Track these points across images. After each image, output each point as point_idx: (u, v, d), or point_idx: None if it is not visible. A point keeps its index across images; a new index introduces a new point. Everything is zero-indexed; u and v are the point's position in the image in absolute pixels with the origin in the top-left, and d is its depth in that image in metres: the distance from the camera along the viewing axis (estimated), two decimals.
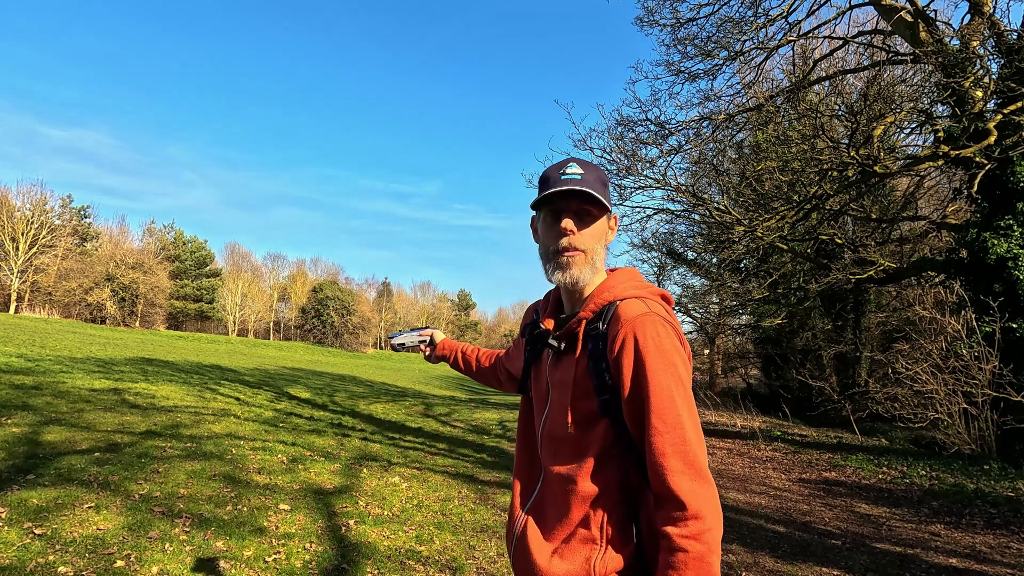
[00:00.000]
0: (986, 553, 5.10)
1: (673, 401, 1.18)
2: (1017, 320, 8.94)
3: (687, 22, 11.36)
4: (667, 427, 1.16)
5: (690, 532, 1.12)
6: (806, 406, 17.25)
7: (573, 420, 1.27)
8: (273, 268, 78.33)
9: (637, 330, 1.21)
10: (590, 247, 1.32)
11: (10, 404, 7.03)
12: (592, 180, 1.30)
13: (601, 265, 1.36)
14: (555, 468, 1.31)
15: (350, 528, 4.38)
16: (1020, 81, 8.52)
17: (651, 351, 1.19)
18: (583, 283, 1.32)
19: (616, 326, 1.24)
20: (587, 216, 1.32)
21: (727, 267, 16.83)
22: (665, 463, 1.15)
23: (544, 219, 1.36)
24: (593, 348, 1.27)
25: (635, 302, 1.28)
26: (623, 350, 1.21)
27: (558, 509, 1.29)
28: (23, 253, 47.49)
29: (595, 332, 1.28)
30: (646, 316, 1.23)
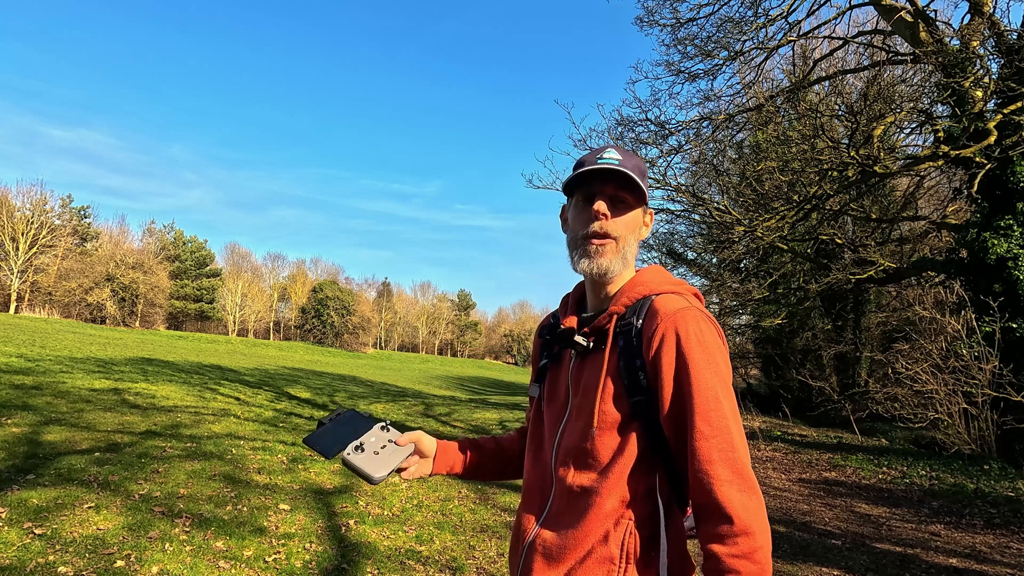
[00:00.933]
0: (986, 553, 5.10)
1: (719, 402, 1.08)
2: (1017, 320, 8.94)
3: (687, 22, 11.37)
4: (713, 431, 1.06)
5: (741, 551, 1.01)
6: (806, 406, 17.25)
7: (600, 425, 1.15)
8: (273, 268, 78.40)
9: (679, 325, 1.12)
10: (622, 235, 1.21)
11: (10, 404, 7.03)
12: (631, 167, 1.20)
13: (632, 259, 1.25)
14: (573, 480, 1.17)
15: (350, 528, 4.38)
16: (1020, 81, 8.52)
17: (694, 348, 1.10)
18: (612, 274, 1.22)
19: (654, 321, 1.14)
20: (621, 203, 1.21)
21: (727, 267, 16.83)
22: (712, 471, 1.04)
23: (576, 203, 1.25)
24: (626, 345, 1.16)
25: (673, 297, 1.18)
26: (663, 347, 1.11)
27: (573, 525, 1.16)
28: (23, 253, 47.47)
29: (628, 328, 1.17)
30: (688, 311, 1.14)
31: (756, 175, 11.60)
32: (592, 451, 1.16)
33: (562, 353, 1.30)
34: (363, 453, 1.21)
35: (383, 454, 1.23)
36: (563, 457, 1.21)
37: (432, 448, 1.36)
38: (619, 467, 1.13)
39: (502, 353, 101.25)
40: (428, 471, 1.36)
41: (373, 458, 1.21)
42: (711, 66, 11.51)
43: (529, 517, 1.25)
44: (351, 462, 1.19)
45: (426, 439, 1.34)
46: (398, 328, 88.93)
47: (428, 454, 1.35)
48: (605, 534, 1.12)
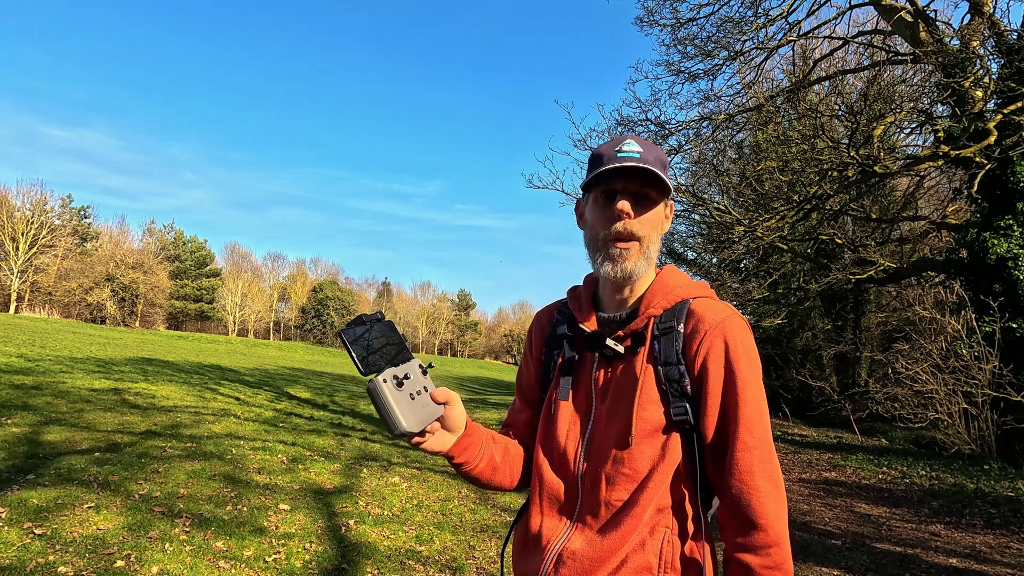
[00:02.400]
0: (986, 553, 5.10)
1: (763, 414, 1.08)
2: (1017, 320, 8.94)
3: (687, 22, 11.37)
4: (757, 442, 1.06)
5: (774, 562, 1.03)
6: (806, 406, 17.25)
7: (637, 433, 1.11)
8: (273, 268, 78.44)
9: (727, 334, 1.10)
10: (647, 235, 1.14)
11: (10, 404, 7.03)
12: (652, 159, 1.13)
13: (655, 257, 1.18)
14: (607, 489, 1.13)
15: (350, 528, 4.38)
16: (1020, 81, 8.52)
17: (742, 358, 1.09)
18: (637, 277, 1.15)
19: (700, 327, 1.11)
20: (645, 200, 1.14)
21: (727, 267, 16.82)
22: (753, 483, 1.05)
23: (595, 201, 1.17)
24: (666, 350, 1.12)
25: (713, 302, 1.15)
26: (711, 354, 1.09)
27: (607, 535, 1.11)
28: (23, 253, 47.49)
29: (668, 332, 1.13)
30: (735, 319, 1.12)
31: (756, 175, 11.60)
32: (629, 460, 1.11)
33: (582, 357, 1.23)
34: (401, 389, 0.98)
35: (418, 401, 1.01)
36: (594, 466, 1.15)
37: (460, 424, 1.15)
38: (658, 476, 1.10)
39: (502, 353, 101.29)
40: (445, 448, 1.13)
41: (408, 402, 0.98)
42: (711, 66, 11.52)
43: (552, 525, 1.18)
44: (384, 394, 0.95)
45: (458, 407, 1.13)
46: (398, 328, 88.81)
47: (454, 429, 1.14)
48: (642, 542, 1.10)
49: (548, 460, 1.22)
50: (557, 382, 1.25)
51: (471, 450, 1.19)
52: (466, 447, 1.17)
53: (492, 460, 1.24)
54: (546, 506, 1.20)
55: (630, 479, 1.11)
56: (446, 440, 1.13)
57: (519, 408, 1.38)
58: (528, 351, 1.37)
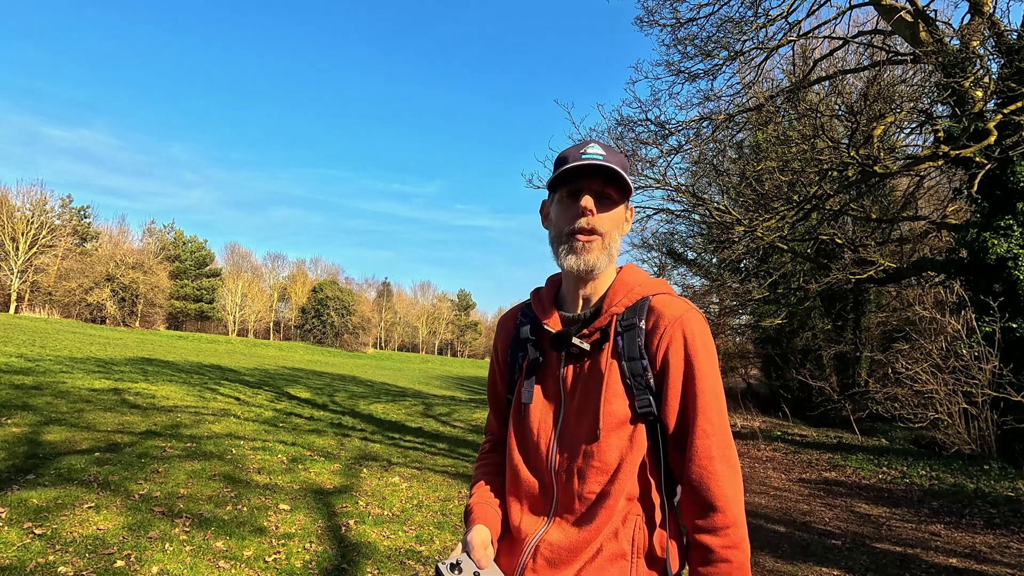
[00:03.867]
0: (986, 553, 5.10)
1: (720, 402, 1.15)
2: (1017, 320, 8.94)
3: (687, 22, 11.37)
4: (715, 429, 1.12)
5: (731, 541, 1.09)
6: (806, 406, 17.25)
7: (605, 427, 1.15)
8: (273, 268, 78.44)
9: (686, 327, 1.15)
10: (608, 232, 1.20)
11: (10, 404, 7.03)
12: (616, 162, 1.19)
13: (616, 255, 1.25)
14: (579, 482, 1.18)
15: (350, 528, 4.38)
16: (1020, 81, 8.52)
17: (700, 350, 1.14)
18: (598, 271, 1.21)
19: (660, 321, 1.16)
20: (607, 199, 1.21)
21: (727, 267, 16.83)
22: (713, 467, 1.11)
23: (560, 200, 1.24)
24: (629, 345, 1.17)
25: (672, 298, 1.21)
26: (671, 347, 1.15)
27: (582, 526, 1.17)
28: (23, 253, 47.49)
29: (630, 328, 1.18)
30: (693, 313, 1.17)
31: (756, 175, 11.60)
32: (598, 453, 1.16)
33: (547, 356, 1.27)
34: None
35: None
36: (565, 461, 1.20)
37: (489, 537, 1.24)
38: (626, 467, 1.15)
39: None
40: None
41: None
42: (711, 66, 11.52)
43: (530, 521, 1.23)
44: None
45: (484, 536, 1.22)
46: (398, 328, 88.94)
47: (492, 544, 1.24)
48: (615, 532, 1.15)
49: (523, 459, 1.27)
50: (523, 383, 1.29)
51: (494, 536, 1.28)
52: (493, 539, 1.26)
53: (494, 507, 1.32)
54: (524, 504, 1.25)
55: (601, 471, 1.16)
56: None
57: (492, 418, 1.46)
58: (495, 359, 1.42)
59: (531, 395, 1.27)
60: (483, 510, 1.30)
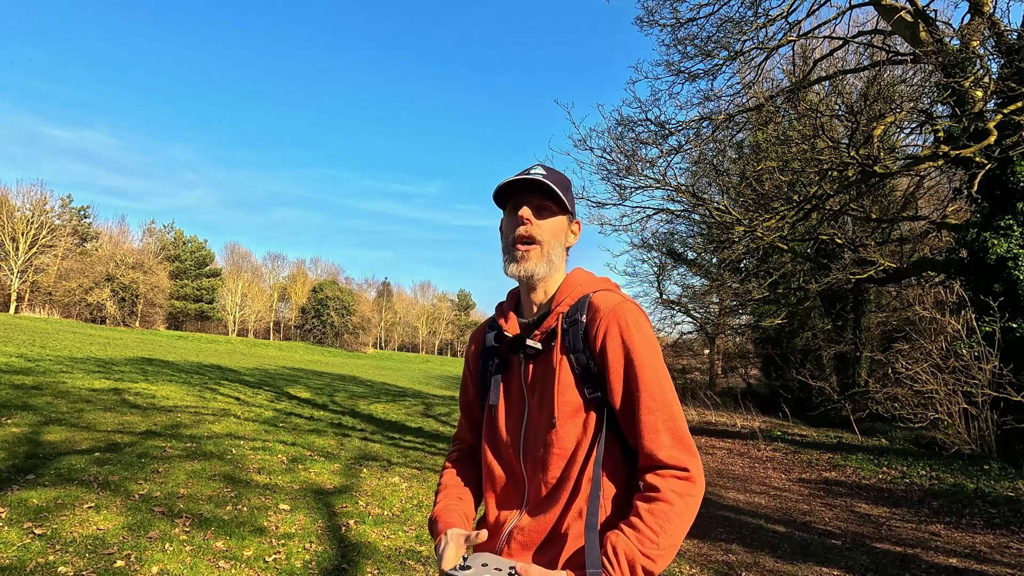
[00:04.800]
0: (986, 553, 5.10)
1: (661, 381, 1.22)
2: (1017, 320, 8.94)
3: (687, 22, 11.37)
4: (657, 405, 1.20)
5: (679, 489, 1.15)
6: (806, 406, 17.25)
7: (560, 415, 1.26)
8: (273, 268, 78.41)
9: (620, 317, 1.25)
10: (547, 240, 1.32)
11: (10, 404, 7.03)
12: (553, 181, 1.32)
13: (559, 263, 1.36)
14: (543, 471, 1.28)
15: (350, 528, 4.38)
16: (1020, 81, 8.52)
17: (634, 335, 1.23)
18: (538, 276, 1.32)
19: (597, 315, 1.27)
20: (545, 211, 1.33)
21: (727, 267, 16.83)
22: (659, 439, 1.18)
23: (507, 213, 1.38)
24: (573, 339, 1.28)
25: (607, 293, 1.31)
26: (608, 337, 1.24)
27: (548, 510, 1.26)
28: (23, 253, 47.48)
29: (574, 324, 1.29)
30: (626, 304, 1.28)
31: (756, 175, 11.60)
32: (556, 440, 1.26)
33: (510, 360, 1.38)
34: None
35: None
36: (531, 453, 1.31)
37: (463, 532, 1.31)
38: (582, 450, 1.25)
39: None
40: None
41: None
42: (711, 66, 11.51)
43: (506, 513, 1.33)
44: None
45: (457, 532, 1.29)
46: (398, 328, 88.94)
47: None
48: (579, 511, 1.24)
49: (495, 457, 1.38)
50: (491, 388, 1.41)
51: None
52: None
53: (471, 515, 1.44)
54: (499, 498, 1.36)
55: (560, 457, 1.26)
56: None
57: (464, 426, 1.56)
58: (467, 369, 1.54)
59: (497, 397, 1.38)
60: (448, 516, 1.38)
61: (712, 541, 5.07)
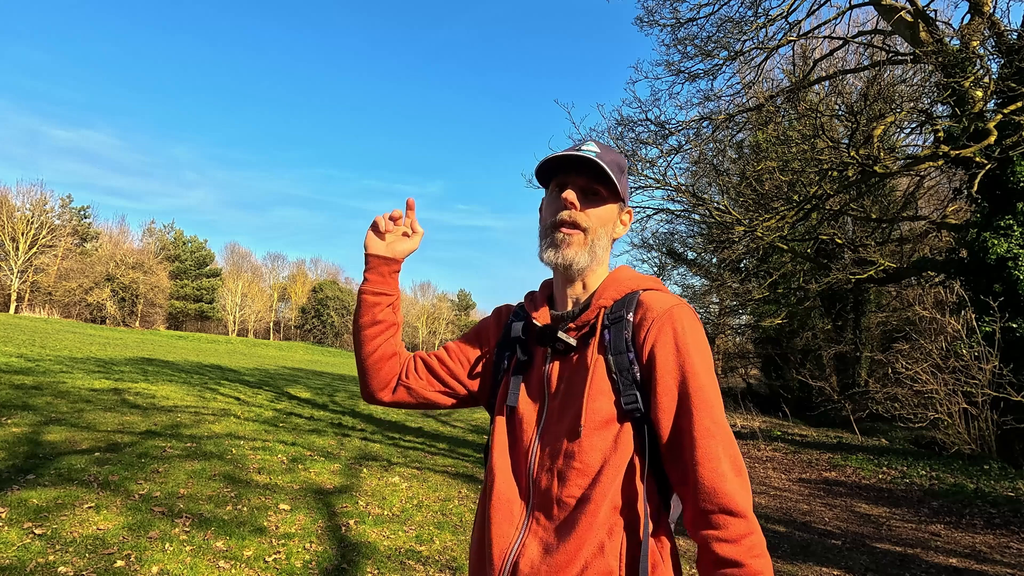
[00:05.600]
0: (986, 553, 5.10)
1: (718, 399, 1.07)
2: (1017, 320, 8.94)
3: (687, 22, 11.38)
4: (718, 428, 1.03)
5: (757, 551, 0.99)
6: (806, 406, 17.25)
7: (587, 424, 1.07)
8: (273, 268, 78.42)
9: (676, 321, 1.08)
10: (592, 227, 1.15)
11: (10, 404, 7.03)
12: (608, 161, 1.14)
13: (603, 256, 1.19)
14: (559, 487, 1.08)
15: (350, 528, 4.38)
16: (1020, 81, 8.52)
17: (692, 345, 1.07)
18: (577, 266, 1.15)
19: (648, 314, 1.10)
20: (594, 195, 1.16)
21: (727, 267, 16.83)
22: (721, 470, 1.01)
23: (549, 192, 1.21)
24: (615, 339, 1.11)
25: (661, 293, 1.15)
26: (659, 342, 1.07)
27: (562, 539, 1.06)
28: (23, 253, 47.48)
29: (618, 322, 1.11)
30: (683, 307, 1.10)
31: (756, 175, 11.60)
32: (579, 453, 1.07)
33: (533, 352, 1.21)
34: None
35: None
36: (546, 463, 1.11)
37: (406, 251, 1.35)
38: (609, 470, 1.06)
39: None
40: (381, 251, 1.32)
41: None
42: (711, 66, 11.52)
43: (504, 532, 1.12)
44: None
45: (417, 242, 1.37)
46: None
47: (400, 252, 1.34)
48: (600, 545, 1.04)
49: (501, 464, 1.18)
50: (508, 384, 1.22)
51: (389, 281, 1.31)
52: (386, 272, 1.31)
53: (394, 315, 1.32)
54: (499, 512, 1.14)
55: (582, 474, 1.07)
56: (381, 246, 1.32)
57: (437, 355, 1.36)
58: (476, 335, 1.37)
59: (516, 397, 1.19)
60: None
61: None
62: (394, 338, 1.32)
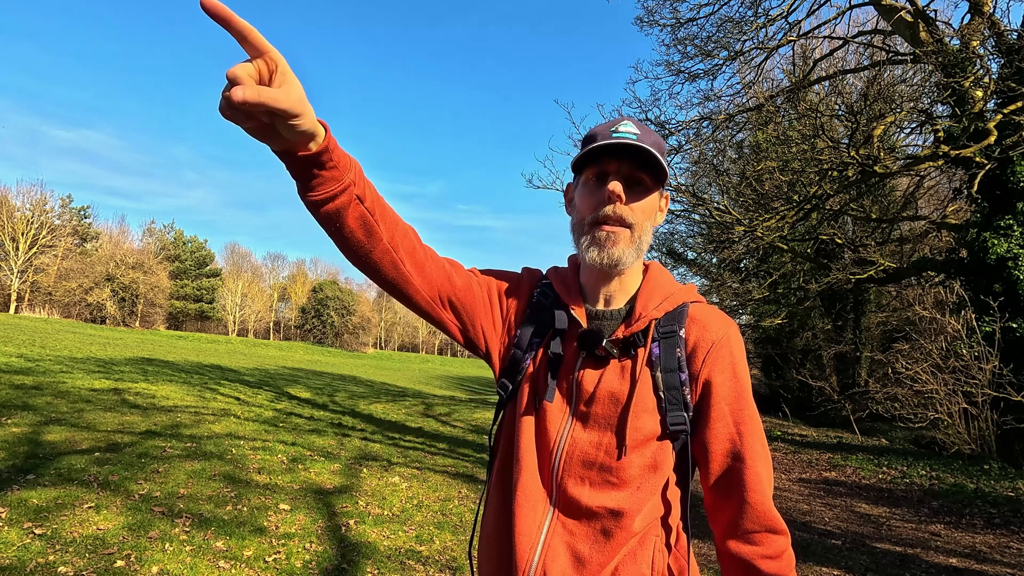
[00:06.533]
0: (986, 553, 5.10)
1: (760, 422, 1.08)
2: (1017, 320, 8.94)
3: (687, 22, 11.38)
4: (765, 451, 1.06)
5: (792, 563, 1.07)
6: (806, 406, 17.25)
7: (631, 443, 1.04)
8: (273, 268, 78.50)
9: (735, 348, 1.07)
10: (639, 222, 1.06)
11: (10, 404, 7.03)
12: (651, 143, 1.04)
13: (646, 249, 1.10)
14: (589, 497, 1.05)
15: (350, 528, 4.38)
16: (1020, 81, 8.52)
17: (744, 372, 1.07)
18: (624, 265, 1.07)
19: (706, 335, 1.06)
20: (639, 185, 1.06)
21: (727, 267, 16.83)
22: (766, 491, 1.05)
23: (585, 183, 1.09)
24: (666, 355, 1.06)
25: (712, 309, 1.11)
26: (719, 366, 1.05)
27: (597, 548, 1.04)
28: (23, 253, 47.49)
29: (670, 336, 1.06)
30: (736, 330, 1.09)
31: (756, 175, 11.60)
32: (618, 469, 1.04)
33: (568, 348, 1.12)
34: None
35: None
36: (575, 470, 1.07)
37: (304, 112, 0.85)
38: (649, 487, 1.05)
39: None
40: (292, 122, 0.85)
41: None
42: (711, 66, 11.52)
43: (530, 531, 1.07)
44: None
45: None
46: (398, 328, 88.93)
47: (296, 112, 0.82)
48: (632, 553, 1.05)
49: (528, 461, 1.10)
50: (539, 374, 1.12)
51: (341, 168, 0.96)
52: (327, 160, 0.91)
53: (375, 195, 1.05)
54: (524, 508, 1.08)
55: (619, 488, 1.04)
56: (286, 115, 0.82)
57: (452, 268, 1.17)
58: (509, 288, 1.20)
59: (552, 394, 1.10)
60: None
61: (712, 541, 5.06)
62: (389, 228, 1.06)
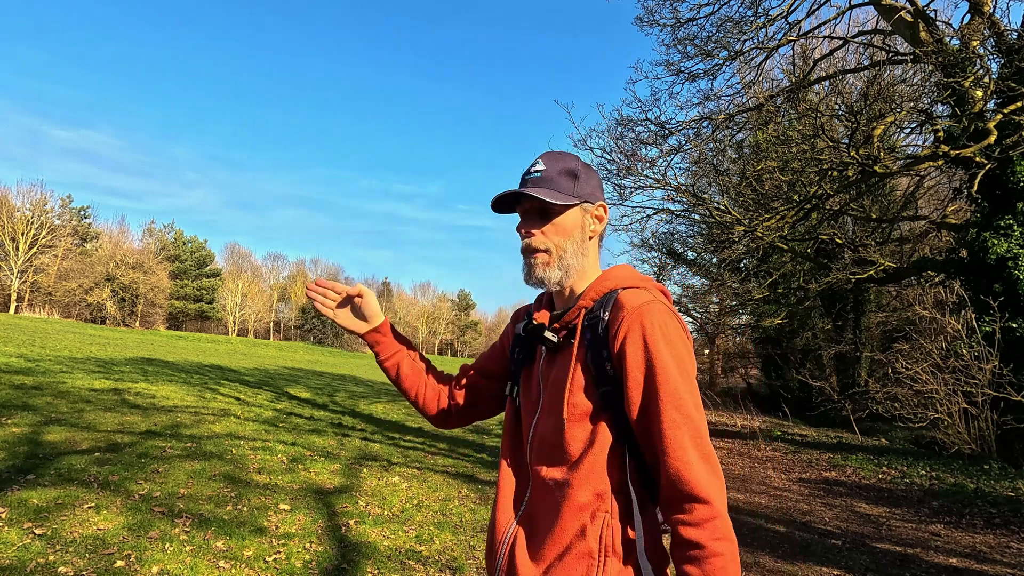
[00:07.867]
0: (986, 553, 5.10)
1: (689, 392, 1.11)
2: (1017, 320, 8.94)
3: (687, 22, 11.37)
4: (684, 419, 1.08)
5: (720, 533, 1.03)
6: (806, 406, 17.25)
7: (569, 417, 1.16)
8: (273, 268, 78.48)
9: (644, 318, 1.13)
10: (556, 244, 1.24)
11: (10, 404, 7.03)
12: (553, 173, 1.24)
13: (579, 262, 1.26)
14: (546, 475, 1.19)
15: (350, 528, 4.38)
16: (1020, 81, 8.52)
17: (659, 340, 1.11)
18: (552, 283, 1.26)
19: (619, 313, 1.16)
20: (548, 212, 1.25)
21: (727, 267, 16.83)
22: (687, 457, 1.06)
23: None
24: (592, 338, 1.18)
25: (637, 291, 1.20)
26: (629, 338, 1.13)
27: (550, 522, 1.16)
28: (23, 253, 47.47)
29: (595, 321, 1.19)
30: (652, 304, 1.15)
31: (756, 175, 11.60)
32: (563, 444, 1.17)
33: (534, 349, 1.33)
34: None
35: None
36: (537, 452, 1.24)
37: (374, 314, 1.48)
38: (590, 458, 1.14)
39: None
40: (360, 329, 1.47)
41: None
42: (711, 66, 11.51)
43: (506, 516, 1.26)
44: None
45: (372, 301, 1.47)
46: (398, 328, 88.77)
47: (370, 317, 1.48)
48: (582, 528, 1.12)
49: (509, 453, 1.32)
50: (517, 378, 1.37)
51: (389, 350, 1.48)
52: (381, 341, 1.48)
53: (413, 363, 1.49)
54: (504, 496, 1.28)
55: (565, 463, 1.17)
56: (353, 320, 1.47)
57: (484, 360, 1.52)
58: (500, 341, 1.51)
59: (518, 389, 1.35)
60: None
61: None
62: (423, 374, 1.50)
